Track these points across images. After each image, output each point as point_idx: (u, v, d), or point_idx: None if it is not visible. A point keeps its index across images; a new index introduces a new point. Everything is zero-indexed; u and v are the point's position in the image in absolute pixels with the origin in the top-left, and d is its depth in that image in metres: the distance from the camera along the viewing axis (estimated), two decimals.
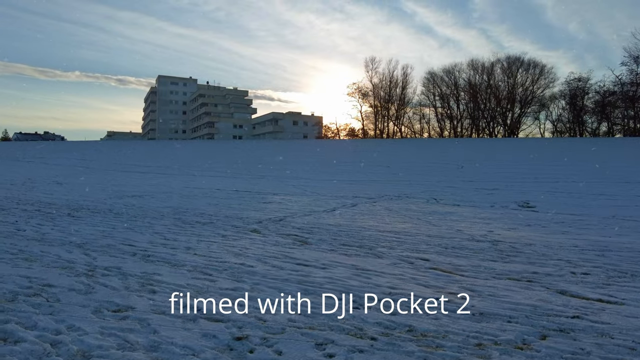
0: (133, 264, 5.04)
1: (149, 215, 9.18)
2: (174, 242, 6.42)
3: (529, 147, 35.81)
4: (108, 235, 6.78)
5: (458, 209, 11.56)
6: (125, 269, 4.80)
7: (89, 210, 9.81)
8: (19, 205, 10.60)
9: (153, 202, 11.95)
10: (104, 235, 6.79)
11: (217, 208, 10.70)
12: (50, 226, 7.61)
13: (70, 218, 8.69)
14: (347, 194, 14.64)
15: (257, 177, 21.64)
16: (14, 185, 17.30)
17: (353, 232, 7.58)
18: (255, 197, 13.74)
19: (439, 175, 20.70)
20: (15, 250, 5.61)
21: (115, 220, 8.50)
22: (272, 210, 10.39)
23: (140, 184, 18.30)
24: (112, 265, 4.93)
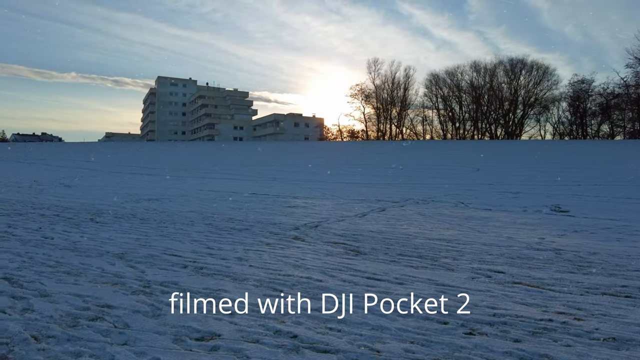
0: (189, 277, 4.54)
1: (177, 221, 8.66)
2: (219, 251, 5.92)
3: (539, 149, 35.47)
4: (145, 244, 6.27)
5: (492, 213, 11.10)
6: (183, 284, 4.30)
7: (111, 215, 9.28)
8: (35, 210, 10.06)
9: (173, 206, 11.42)
10: (140, 244, 6.27)
11: (243, 213, 10.19)
12: (78, 233, 7.09)
13: (95, 224, 8.16)
14: (369, 197, 14.16)
15: (269, 179, 21.13)
16: (22, 187, 16.72)
17: (401, 240, 7.10)
18: (277, 200, 13.24)
19: (455, 178, 20.26)
20: (52, 262, 5.10)
21: (144, 226, 7.98)
22: (302, 215, 9.90)
23: (151, 186, 17.76)
24: (166, 280, 4.43)
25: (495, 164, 25.46)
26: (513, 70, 63.65)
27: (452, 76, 67.80)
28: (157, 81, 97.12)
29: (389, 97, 70.51)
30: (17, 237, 6.58)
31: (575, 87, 57.94)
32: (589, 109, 56.86)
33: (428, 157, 30.01)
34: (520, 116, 64.11)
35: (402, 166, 24.42)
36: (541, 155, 29.71)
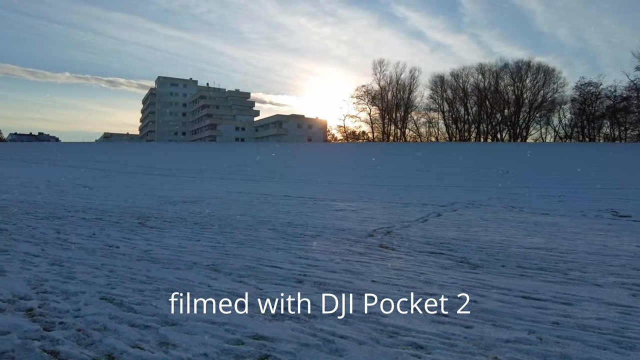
0: (318, 295, 3.82)
1: (236, 226, 7.93)
2: (316, 261, 5.20)
3: (556, 152, 34.95)
4: (229, 253, 5.54)
5: (553, 218, 10.45)
6: (321, 303, 3.58)
7: (159, 220, 8.53)
8: (71, 213, 9.29)
9: (216, 208, 10.68)
10: (223, 253, 5.54)
11: (296, 216, 9.48)
12: (140, 240, 6.34)
13: (150, 229, 7.41)
14: (412, 201, 13.47)
15: (292, 181, 20.40)
16: (39, 188, 15.90)
17: (497, 249, 6.42)
18: (318, 203, 12.52)
19: (487, 180, 19.62)
20: (141, 276, 4.36)
21: (207, 231, 7.24)
22: (359, 220, 9.19)
23: (175, 187, 16.98)
24: (297, 299, 3.71)
25: (520, 167, 24.86)
26: (519, 72, 63.35)
27: (458, 78, 67.43)
28: (158, 81, 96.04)
29: (395, 98, 70.01)
30: (77, 246, 5.83)
31: (582, 90, 57.68)
32: (597, 112, 56.56)
33: (447, 159, 29.39)
34: (526, 119, 63.76)
35: (429, 169, 23.78)
36: (563, 158, 29.17)
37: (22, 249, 5.50)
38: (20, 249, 5.54)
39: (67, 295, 3.68)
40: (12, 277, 4.18)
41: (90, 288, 3.89)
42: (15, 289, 3.82)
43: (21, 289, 3.84)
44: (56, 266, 4.69)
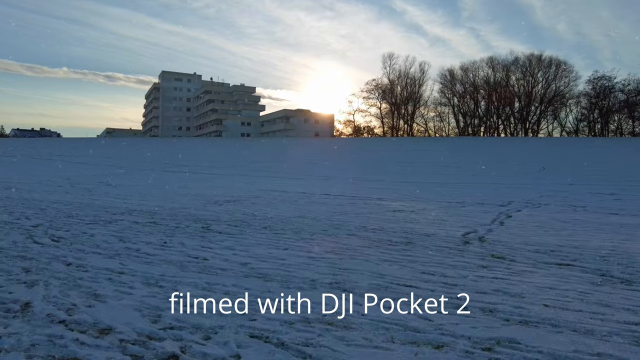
0: (502, 327, 3.07)
1: (311, 230, 7.18)
2: (450, 278, 4.45)
3: (577, 147, 34.16)
4: (341, 267, 4.79)
5: (629, 219, 9.71)
6: (518, 340, 2.83)
7: (221, 223, 7.77)
8: (117, 216, 8.52)
9: (266, 209, 9.93)
10: (334, 267, 4.79)
11: (364, 219, 8.74)
12: (225, 250, 5.59)
13: (219, 234, 6.66)
14: (463, 200, 12.70)
15: (322, 178, 19.65)
16: (64, 187, 15.14)
17: (625, 259, 5.67)
18: (368, 203, 11.77)
19: (526, 177, 18.86)
20: (271, 301, 3.60)
21: (283, 237, 6.49)
22: (430, 223, 8.45)
23: (205, 185, 16.22)
24: (497, 336, 2.95)
25: (553, 163, 24.08)
26: (530, 66, 62.40)
27: (468, 72, 66.47)
28: (161, 76, 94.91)
29: (404, 91, 69.01)
30: (157, 258, 5.08)
31: (595, 84, 56.74)
32: (612, 106, 55.69)
33: (473, 155, 28.61)
34: (538, 113, 62.88)
35: (459, 165, 23.01)
36: (594, 153, 28.39)
37: (98, 264, 4.74)
38: (96, 263, 4.78)
39: (204, 332, 2.93)
40: (116, 305, 3.43)
41: (225, 320, 3.14)
42: (132, 322, 3.07)
43: (138, 322, 3.08)
44: (155, 287, 3.94)
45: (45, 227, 7.09)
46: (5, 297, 3.59)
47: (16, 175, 19.89)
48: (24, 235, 6.35)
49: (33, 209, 9.31)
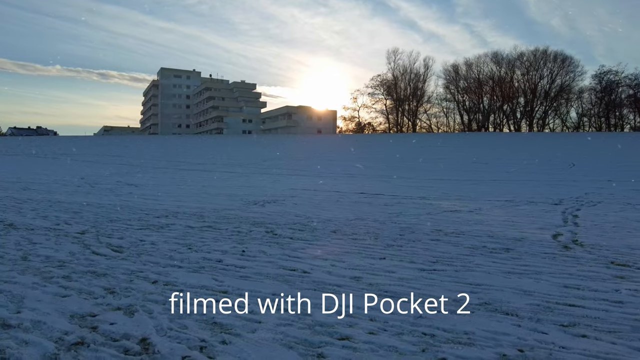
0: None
1: (382, 235, 6.51)
2: (584, 291, 3.80)
3: (601, 141, 33.66)
4: (464, 283, 4.13)
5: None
6: None
7: (283, 227, 7.10)
8: (161, 219, 7.84)
9: (314, 211, 9.26)
10: (457, 284, 4.13)
11: (429, 221, 8.09)
12: (320, 261, 4.93)
13: (291, 240, 5.99)
14: (512, 198, 12.06)
15: (347, 175, 18.97)
16: (82, 187, 14.41)
17: None
18: (416, 202, 11.12)
19: (560, 173, 18.24)
20: (449, 335, 2.94)
21: (364, 244, 5.83)
22: (506, 225, 7.81)
23: (233, 185, 15.53)
24: None
25: (576, 158, 23.50)
26: (536, 61, 61.86)
27: (472, 67, 65.83)
28: (160, 73, 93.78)
29: (409, 88, 68.35)
30: (253, 272, 4.40)
31: (602, 78, 56.28)
32: (620, 101, 55.30)
33: (491, 151, 28.01)
34: (544, 109, 62.39)
35: (486, 162, 22.40)
36: (622, 148, 27.86)
37: (188, 280, 4.07)
38: (184, 279, 4.11)
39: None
40: (254, 339, 2.76)
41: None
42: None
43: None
44: (282, 311, 3.27)
45: (93, 233, 6.40)
46: (110, 330, 2.91)
47: (25, 174, 19.10)
48: (78, 244, 5.66)
49: (66, 212, 8.60)
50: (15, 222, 7.34)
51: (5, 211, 8.80)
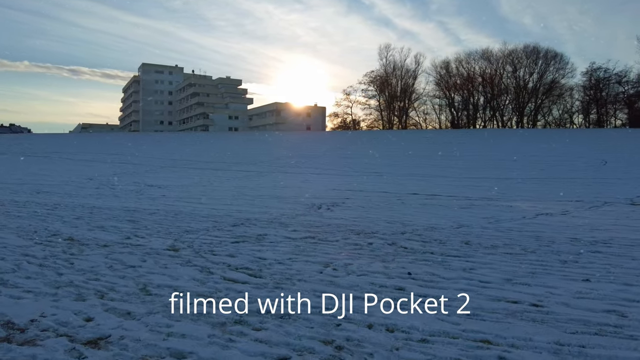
0: None
1: (506, 244, 5.62)
2: None
3: (614, 139, 33.70)
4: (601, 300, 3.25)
5: None
6: None
7: (392, 236, 6.12)
8: (237, 229, 6.74)
9: (395, 215, 8.30)
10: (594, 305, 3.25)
11: (528, 227, 7.25)
12: (506, 284, 3.99)
13: (431, 255, 5.02)
14: (582, 199, 11.37)
15: (375, 174, 18.03)
16: (100, 189, 13.06)
17: None
18: (489, 204, 10.29)
19: (593, 172, 17.75)
20: None
21: (520, 258, 4.91)
22: (619, 229, 7.05)
23: (267, 186, 14.41)
24: None
25: (602, 155, 23.21)
26: (527, 57, 62.19)
27: (462, 64, 65.78)
28: (141, 68, 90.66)
29: (399, 84, 67.84)
30: (475, 308, 3.42)
31: (593, 75, 56.96)
32: (609, 97, 56.13)
33: (517, 149, 27.57)
34: (537, 105, 62.80)
35: (515, 158, 21.85)
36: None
37: (413, 323, 3.06)
38: (401, 320, 3.09)
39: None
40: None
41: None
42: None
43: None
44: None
45: (187, 250, 5.29)
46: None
47: (25, 175, 17.46)
48: (187, 266, 4.56)
49: (119, 221, 7.41)
50: (74, 235, 6.13)
51: (44, 220, 7.53)
